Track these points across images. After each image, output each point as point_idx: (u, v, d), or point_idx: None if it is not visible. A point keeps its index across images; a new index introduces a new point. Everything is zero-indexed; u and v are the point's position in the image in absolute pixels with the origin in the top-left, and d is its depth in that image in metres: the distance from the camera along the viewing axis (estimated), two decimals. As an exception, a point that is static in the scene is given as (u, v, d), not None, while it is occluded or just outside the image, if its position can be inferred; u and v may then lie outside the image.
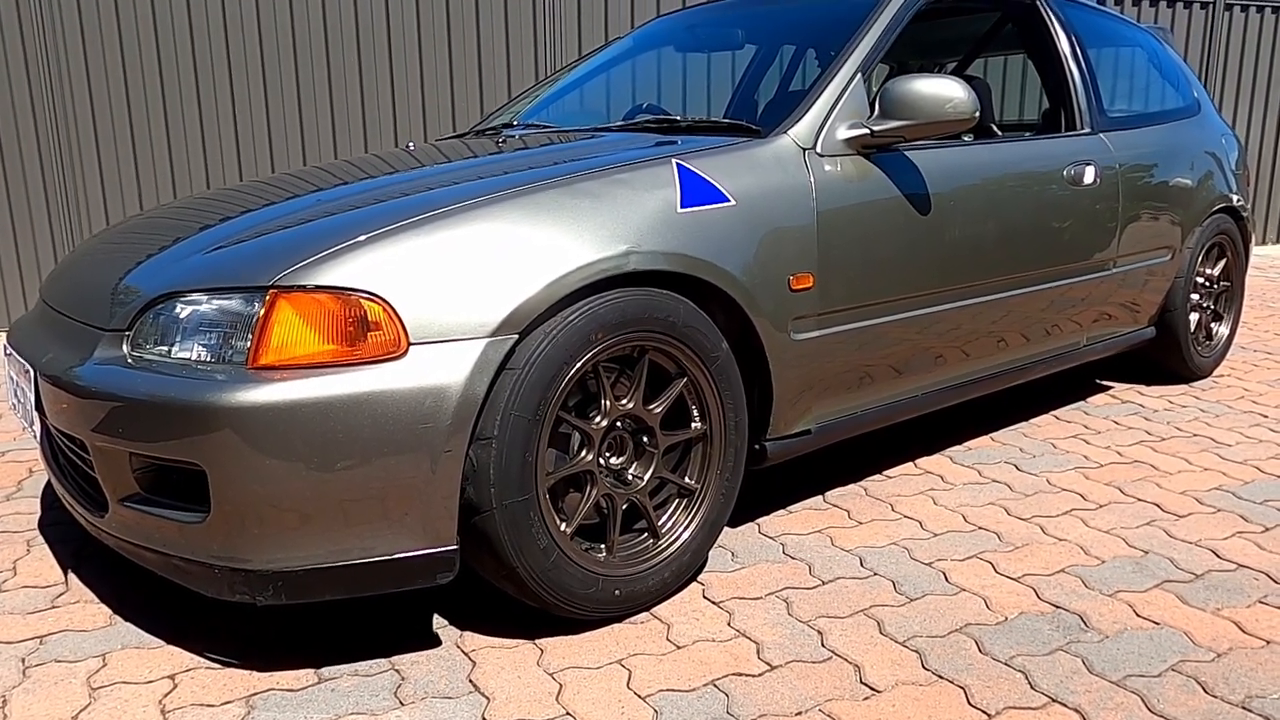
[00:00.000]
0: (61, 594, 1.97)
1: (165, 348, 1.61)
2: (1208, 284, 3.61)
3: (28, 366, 1.84)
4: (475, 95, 5.28)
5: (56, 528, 2.31)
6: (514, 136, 2.56)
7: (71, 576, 2.05)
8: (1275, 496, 2.46)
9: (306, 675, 1.67)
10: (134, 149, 4.73)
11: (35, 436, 1.94)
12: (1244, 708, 1.55)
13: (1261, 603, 1.90)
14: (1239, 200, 3.58)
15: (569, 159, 2.00)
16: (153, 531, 1.61)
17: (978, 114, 2.17)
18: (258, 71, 4.86)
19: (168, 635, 1.80)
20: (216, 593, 1.58)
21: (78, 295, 1.89)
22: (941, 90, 2.14)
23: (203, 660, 1.71)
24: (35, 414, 1.84)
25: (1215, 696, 1.58)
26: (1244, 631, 1.79)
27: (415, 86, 5.14)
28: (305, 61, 4.92)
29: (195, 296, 1.62)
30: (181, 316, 1.62)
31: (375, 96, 5.07)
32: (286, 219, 1.81)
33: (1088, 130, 2.99)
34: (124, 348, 1.66)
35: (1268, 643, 1.75)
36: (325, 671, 1.68)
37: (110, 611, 1.89)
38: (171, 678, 1.66)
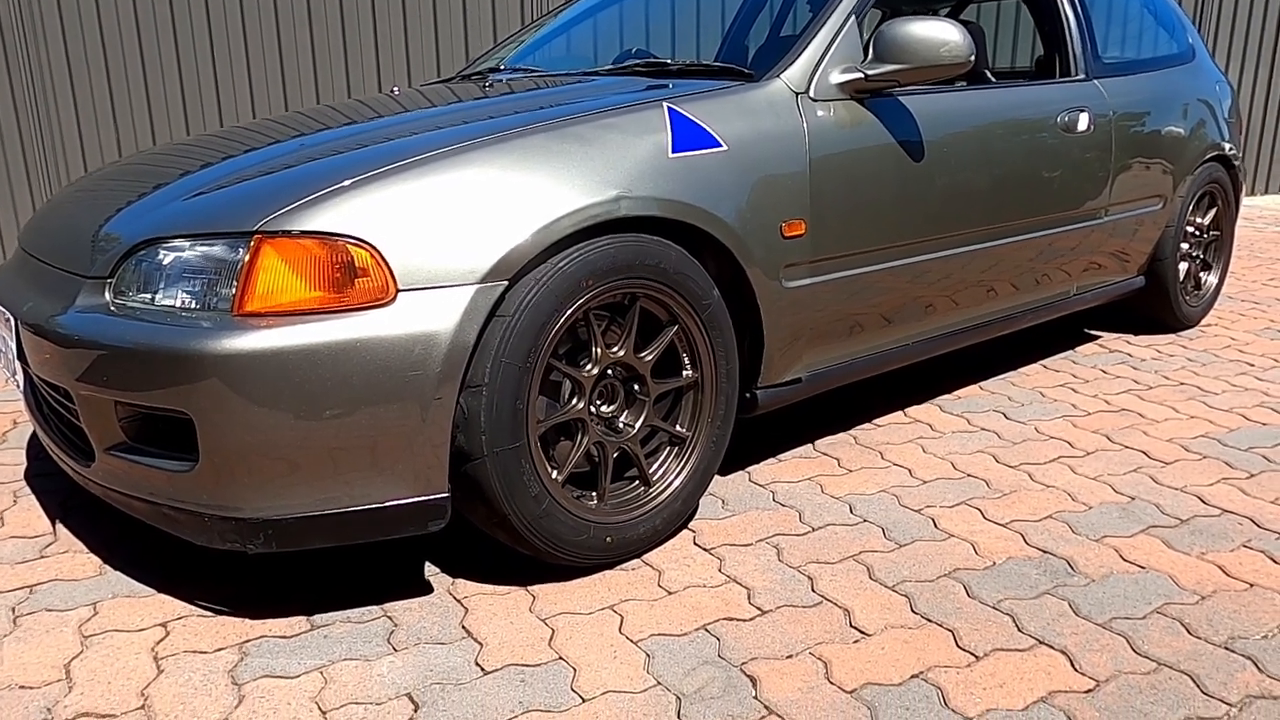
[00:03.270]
0: (50, 544, 1.96)
1: (149, 295, 1.59)
2: (1198, 233, 3.61)
3: (9, 315, 1.81)
4: (460, 39, 5.17)
5: (43, 478, 2.29)
6: (500, 81, 2.51)
7: (59, 526, 2.04)
8: (1260, 443, 2.48)
9: (299, 622, 1.67)
10: (111, 94, 4.62)
11: (18, 386, 1.91)
12: (1226, 648, 1.57)
13: (1245, 547, 1.93)
14: (1231, 149, 3.56)
15: (557, 103, 1.96)
16: (141, 480, 1.60)
17: (973, 58, 2.13)
18: (237, 15, 4.74)
19: (158, 584, 1.80)
20: (207, 541, 1.58)
21: (58, 242, 1.85)
22: (937, 33, 2.10)
23: (194, 608, 1.72)
24: (18, 363, 1.82)
25: (1199, 638, 1.60)
26: (1227, 575, 1.81)
27: (399, 30, 5.03)
28: (286, 5, 4.80)
29: (178, 243, 1.59)
30: (165, 263, 1.59)
31: (358, 40, 4.96)
32: (269, 164, 1.78)
33: (1082, 76, 2.96)
34: (106, 295, 1.63)
35: (1250, 585, 1.77)
36: (318, 618, 1.68)
37: (100, 561, 1.89)
38: (163, 625, 1.66)
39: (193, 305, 1.55)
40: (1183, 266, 3.52)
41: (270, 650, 1.59)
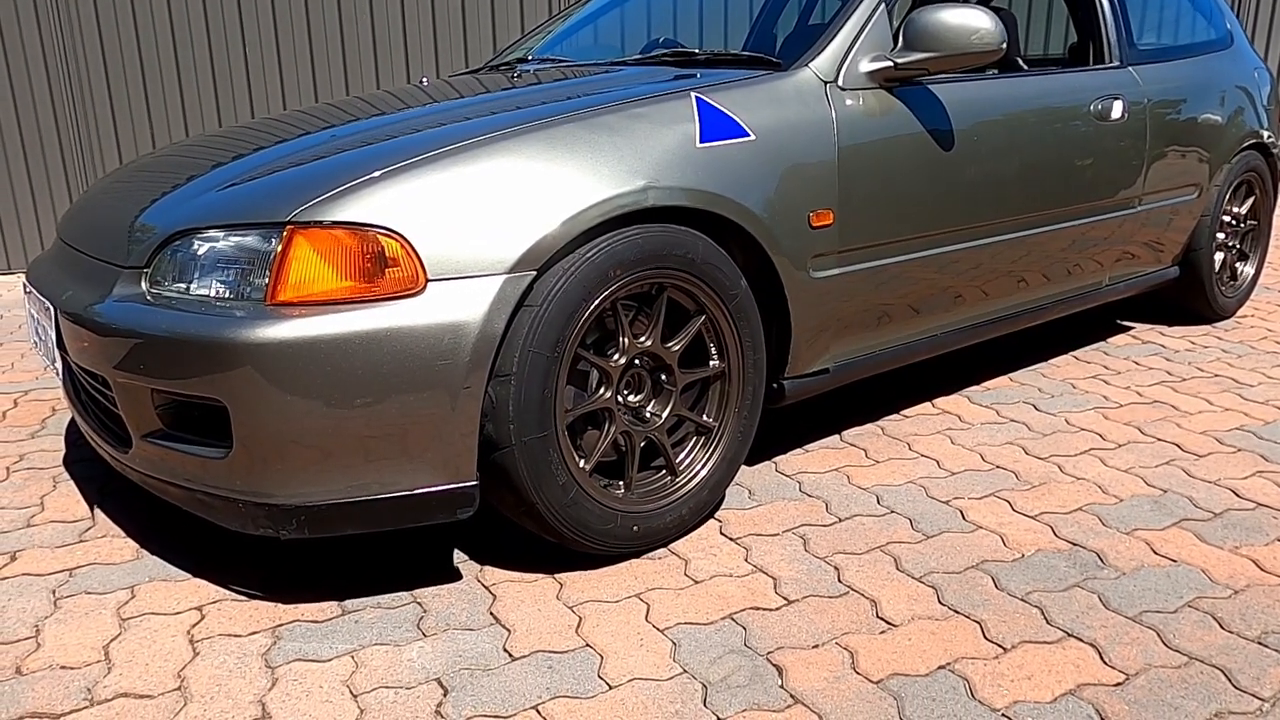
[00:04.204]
0: (89, 528, 2.00)
1: (184, 284, 1.61)
2: (1234, 223, 3.54)
3: (48, 304, 1.84)
4: (488, 30, 5.19)
5: (81, 464, 2.34)
6: (528, 71, 2.52)
7: (98, 511, 2.08)
8: (1296, 436, 2.45)
9: (330, 607, 1.70)
10: (145, 87, 4.68)
11: (58, 374, 1.95)
12: (1260, 643, 1.55)
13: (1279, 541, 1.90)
14: (1270, 137, 3.50)
15: (585, 93, 1.97)
16: (176, 467, 1.63)
17: (1004, 45, 2.11)
18: (268, 9, 4.78)
19: (194, 569, 1.83)
20: (241, 527, 1.60)
21: (95, 233, 1.89)
22: (968, 21, 2.08)
23: (228, 593, 1.75)
24: (57, 351, 1.86)
25: (1231, 632, 1.59)
26: (1262, 569, 1.79)
27: (427, 22, 5.05)
28: (315, -3, 4.84)
29: (212, 233, 1.62)
30: (199, 253, 1.61)
31: (386, 32, 4.99)
32: (301, 155, 1.80)
33: (1116, 63, 2.91)
34: (143, 285, 1.66)
35: (1285, 580, 1.75)
36: (349, 604, 1.71)
37: (137, 545, 1.93)
38: (199, 609, 1.69)
39: (226, 295, 1.57)
40: (1218, 257, 3.47)
41: (302, 634, 1.61)
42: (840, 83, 2.10)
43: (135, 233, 1.74)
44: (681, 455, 1.92)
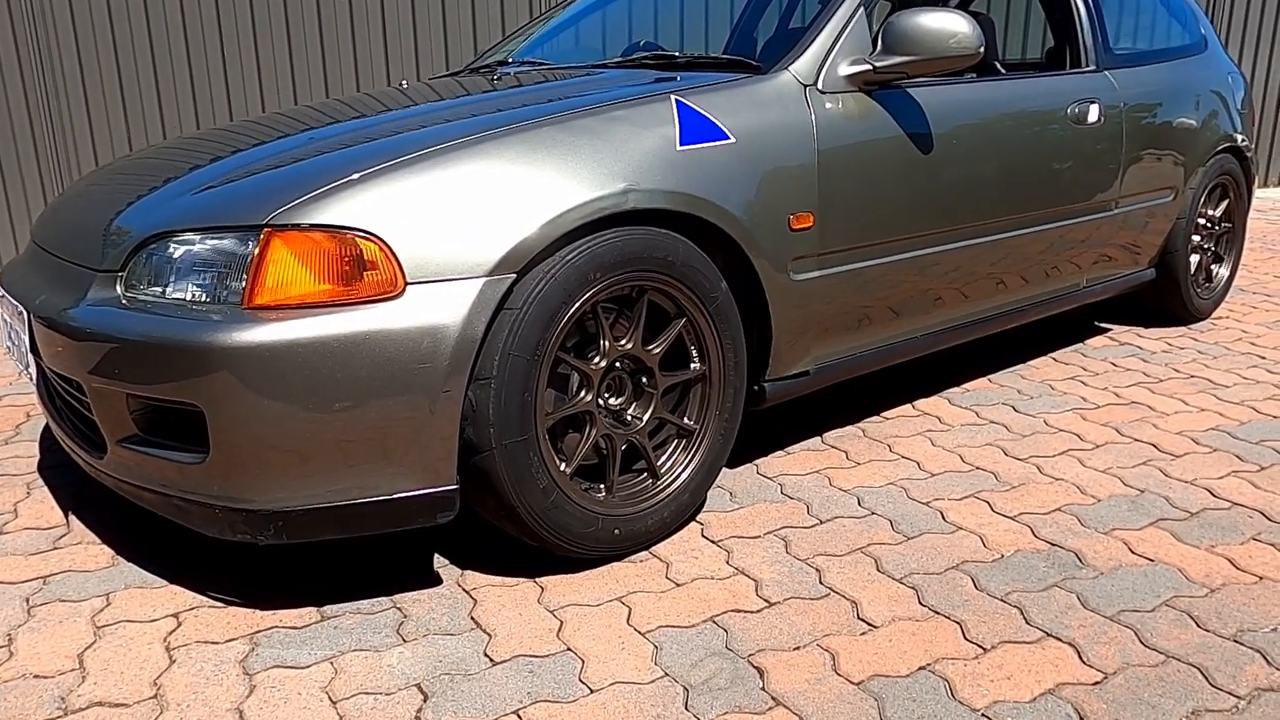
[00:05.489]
0: (63, 535, 1.98)
1: (159, 288, 1.60)
2: (1209, 225, 3.58)
3: (21, 308, 1.82)
4: (469, 33, 5.17)
5: (56, 470, 2.31)
6: (509, 74, 2.51)
7: (72, 518, 2.06)
8: (1271, 436, 2.47)
9: (309, 613, 1.68)
10: (122, 89, 4.64)
11: (31, 379, 1.93)
12: (1235, 641, 1.57)
13: (1255, 539, 1.92)
14: (1243, 140, 3.54)
15: (566, 96, 1.96)
16: (152, 472, 1.61)
17: (982, 49, 2.13)
18: (246, 10, 4.75)
19: (170, 575, 1.81)
20: (218, 533, 1.59)
21: (69, 236, 1.87)
22: (946, 25, 2.09)
23: (205, 599, 1.73)
24: (30, 356, 1.83)
25: (1207, 630, 1.60)
26: (1237, 568, 1.81)
27: (407, 24, 5.03)
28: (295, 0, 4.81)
29: (188, 236, 1.60)
30: (175, 256, 1.60)
31: (366, 34, 4.96)
32: (279, 158, 1.78)
33: (1093, 68, 2.94)
34: (118, 289, 1.64)
35: (1260, 578, 1.77)
36: (328, 610, 1.69)
37: (112, 552, 1.90)
38: (175, 616, 1.68)
39: (203, 298, 1.55)
40: (1194, 259, 3.50)
41: (281, 641, 1.60)
42: (820, 86, 2.11)
43: (110, 236, 1.73)
44: (663, 458, 1.92)
